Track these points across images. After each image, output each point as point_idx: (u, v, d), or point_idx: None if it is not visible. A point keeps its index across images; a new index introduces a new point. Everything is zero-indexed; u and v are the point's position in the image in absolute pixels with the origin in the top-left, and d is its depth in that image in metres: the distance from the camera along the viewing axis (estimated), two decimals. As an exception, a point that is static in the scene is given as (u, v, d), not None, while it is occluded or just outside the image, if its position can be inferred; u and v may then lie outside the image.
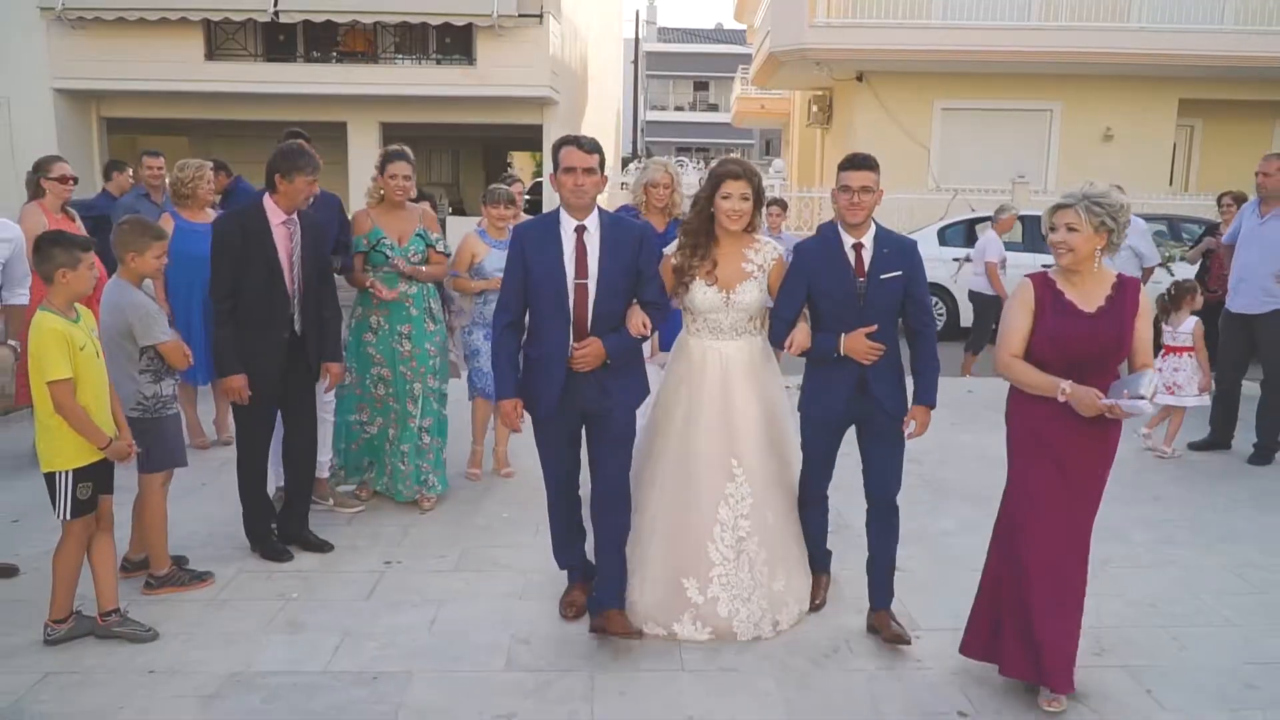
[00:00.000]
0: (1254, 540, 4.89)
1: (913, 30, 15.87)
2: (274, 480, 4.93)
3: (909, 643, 3.66)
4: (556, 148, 3.66)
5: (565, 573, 4.07)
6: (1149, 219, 9.85)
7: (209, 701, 3.28)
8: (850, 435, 3.83)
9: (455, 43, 16.69)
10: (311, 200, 5.06)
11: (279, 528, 4.69)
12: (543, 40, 16.38)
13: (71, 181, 5.74)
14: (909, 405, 3.72)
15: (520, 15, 15.88)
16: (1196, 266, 8.25)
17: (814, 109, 19.99)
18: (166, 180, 6.67)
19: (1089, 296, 3.26)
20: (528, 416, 3.77)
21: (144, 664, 3.51)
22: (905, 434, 3.71)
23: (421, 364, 5.06)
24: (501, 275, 5.31)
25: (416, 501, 5.17)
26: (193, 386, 6.28)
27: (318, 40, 16.74)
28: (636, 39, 29.65)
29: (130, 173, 7.92)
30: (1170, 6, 15.86)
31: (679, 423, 3.82)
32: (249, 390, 4.31)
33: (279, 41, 16.70)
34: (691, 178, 16.36)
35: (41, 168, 5.70)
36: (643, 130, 37.96)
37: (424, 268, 5.05)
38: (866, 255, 3.63)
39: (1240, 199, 7.59)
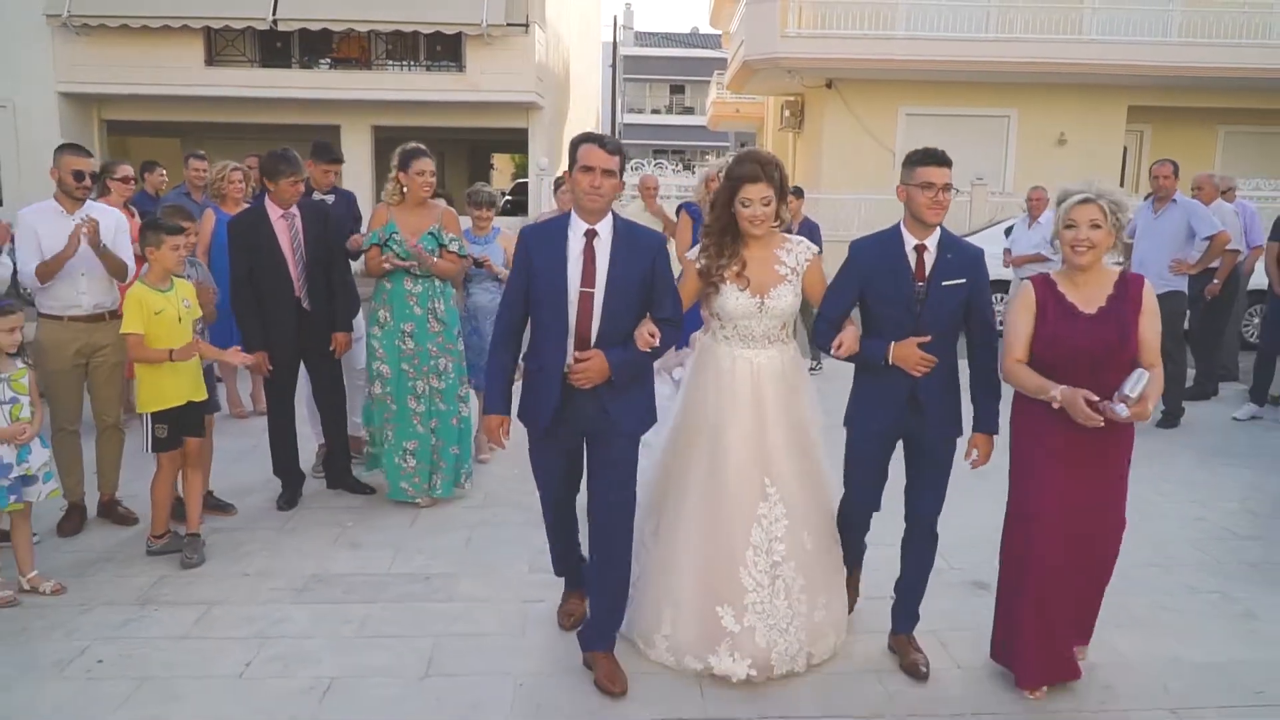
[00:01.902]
0: (1149, 484, 5.84)
1: (878, 41, 16.68)
2: (316, 437, 5.77)
3: (924, 678, 3.51)
4: (575, 144, 3.34)
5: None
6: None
7: (300, 593, 4.15)
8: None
9: (445, 50, 17.39)
10: (333, 196, 5.91)
11: (327, 476, 5.54)
12: (528, 48, 17.14)
13: (133, 181, 6.52)
14: (962, 428, 3.51)
15: (508, 24, 16.63)
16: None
17: (786, 114, 20.67)
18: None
19: (1090, 298, 3.15)
20: (515, 433, 3.54)
21: (239, 570, 4.37)
22: (969, 463, 3.51)
23: (424, 363, 5.13)
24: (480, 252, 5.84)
25: (415, 503, 5.15)
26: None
27: (313, 47, 17.39)
28: (615, 43, 30.36)
29: (161, 172, 8.65)
30: (1120, 19, 16.76)
31: (707, 438, 3.50)
32: (269, 365, 5.03)
33: (276, 49, 17.35)
34: (671, 179, 17.24)
35: (107, 170, 6.45)
36: (620, 133, 38.67)
37: (435, 259, 5.08)
38: (929, 259, 3.34)
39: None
